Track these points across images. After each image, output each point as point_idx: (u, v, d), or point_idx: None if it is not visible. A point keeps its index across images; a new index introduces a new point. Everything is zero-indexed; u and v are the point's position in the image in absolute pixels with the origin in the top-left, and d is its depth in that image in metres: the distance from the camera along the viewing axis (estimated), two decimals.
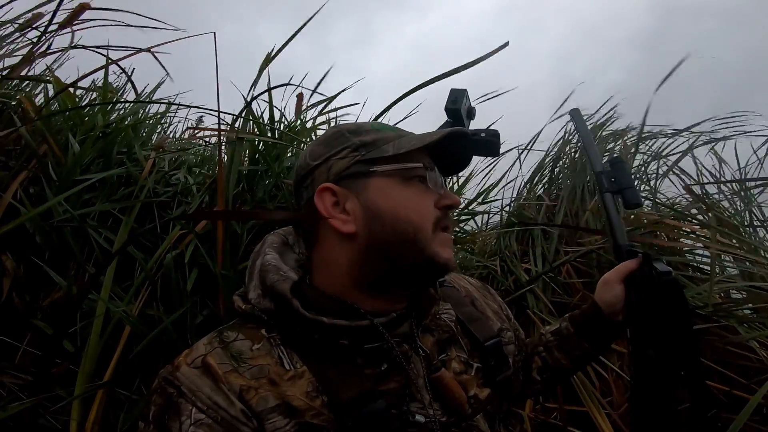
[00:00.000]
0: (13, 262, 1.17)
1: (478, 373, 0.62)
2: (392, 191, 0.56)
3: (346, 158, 0.58)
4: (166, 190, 1.52)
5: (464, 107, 0.75)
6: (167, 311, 1.19)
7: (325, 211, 0.56)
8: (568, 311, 0.81)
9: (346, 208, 0.56)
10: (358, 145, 0.58)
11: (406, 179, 0.57)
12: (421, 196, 0.57)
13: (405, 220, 0.55)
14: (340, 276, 0.57)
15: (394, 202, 0.56)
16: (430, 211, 0.57)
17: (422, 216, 0.56)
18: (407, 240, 0.55)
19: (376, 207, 0.56)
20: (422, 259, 0.56)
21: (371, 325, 0.54)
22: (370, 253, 0.56)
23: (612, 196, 0.77)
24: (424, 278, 0.60)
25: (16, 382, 1.03)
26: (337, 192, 0.57)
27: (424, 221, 0.56)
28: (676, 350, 0.63)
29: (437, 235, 0.57)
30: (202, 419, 0.47)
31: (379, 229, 0.55)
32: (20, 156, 1.40)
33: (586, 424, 1.25)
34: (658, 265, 0.66)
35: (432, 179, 0.59)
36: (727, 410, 1.13)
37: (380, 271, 0.56)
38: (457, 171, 0.68)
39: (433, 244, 0.56)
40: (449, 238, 0.59)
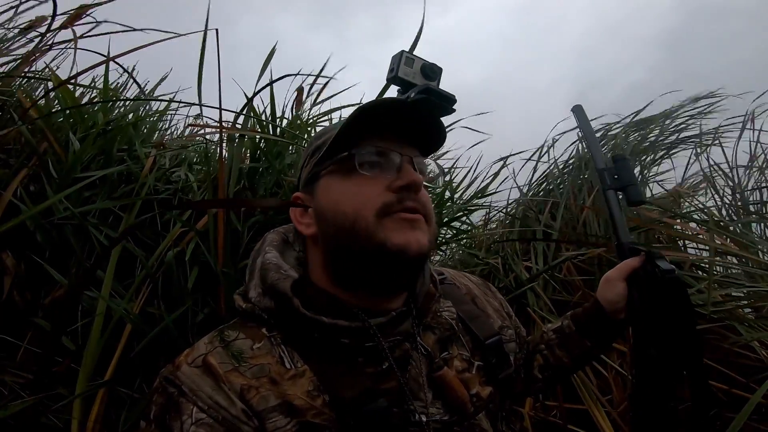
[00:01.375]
0: (14, 260, 1.17)
1: (479, 371, 0.61)
2: (333, 187, 0.57)
3: (308, 165, 0.62)
4: (167, 188, 1.52)
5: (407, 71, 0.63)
6: (168, 309, 1.19)
7: (294, 218, 0.61)
8: (569, 309, 0.81)
9: (309, 212, 0.60)
10: (314, 150, 0.61)
11: (348, 172, 0.56)
12: (362, 184, 0.55)
13: (341, 212, 0.55)
14: (322, 274, 0.59)
15: (334, 197, 0.56)
16: (371, 198, 0.54)
17: (358, 205, 0.54)
18: (346, 232, 0.54)
19: (320, 206, 0.58)
20: (371, 248, 0.53)
21: (366, 326, 0.54)
22: (328, 250, 0.57)
23: (615, 194, 0.77)
24: (388, 268, 0.55)
25: (17, 380, 1.03)
26: (303, 199, 0.61)
27: (362, 210, 0.53)
28: (679, 349, 0.63)
29: (385, 220, 0.53)
30: (203, 419, 0.47)
31: (325, 227, 0.57)
32: (20, 154, 1.40)
33: (585, 423, 1.26)
34: (661, 263, 0.66)
35: (380, 163, 0.56)
36: (727, 409, 1.13)
37: (345, 268, 0.57)
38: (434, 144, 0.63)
39: (380, 230, 0.52)
40: (405, 219, 0.54)
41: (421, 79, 0.63)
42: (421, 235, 0.54)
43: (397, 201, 0.54)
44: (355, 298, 0.57)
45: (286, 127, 1.77)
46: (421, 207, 0.55)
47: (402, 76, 0.62)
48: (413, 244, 0.53)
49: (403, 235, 0.53)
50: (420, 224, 0.55)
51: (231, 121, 1.51)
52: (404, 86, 0.63)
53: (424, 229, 0.55)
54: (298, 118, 1.93)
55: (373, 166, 0.55)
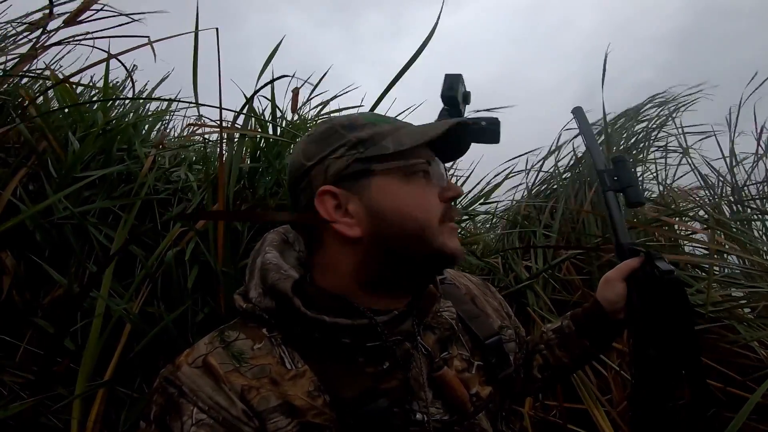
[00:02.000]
0: (13, 260, 1.17)
1: (479, 371, 0.61)
2: (395, 189, 0.55)
3: (343, 157, 0.55)
4: (167, 188, 1.52)
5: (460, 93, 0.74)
6: (168, 309, 1.19)
7: (328, 215, 0.55)
8: (568, 309, 0.81)
9: (349, 210, 0.55)
10: (355, 143, 0.56)
11: (408, 175, 0.56)
12: (425, 191, 0.56)
13: (411, 218, 0.54)
14: (344, 278, 0.56)
15: (399, 201, 0.55)
16: (435, 206, 0.56)
17: (428, 212, 0.56)
18: (415, 238, 0.54)
19: (380, 207, 0.54)
20: (430, 253, 0.55)
21: (372, 324, 0.54)
22: (377, 254, 0.55)
23: (614, 195, 0.77)
24: (433, 271, 0.60)
25: (17, 380, 1.03)
26: (338, 194, 0.55)
27: (430, 217, 0.55)
28: (677, 349, 0.63)
29: (443, 227, 0.56)
30: (204, 419, 0.47)
31: (386, 230, 0.54)
32: (19, 153, 1.40)
33: (585, 422, 1.26)
34: (661, 263, 0.66)
35: (434, 172, 0.58)
36: (726, 409, 1.13)
37: (387, 271, 0.56)
38: (456, 157, 0.67)
39: (441, 237, 0.56)
40: (455, 228, 0.59)
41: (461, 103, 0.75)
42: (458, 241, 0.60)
43: (447, 209, 0.58)
44: (364, 299, 0.56)
45: (286, 127, 1.77)
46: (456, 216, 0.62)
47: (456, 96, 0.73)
48: (459, 249, 0.58)
49: (454, 242, 0.58)
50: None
51: (231, 120, 1.51)
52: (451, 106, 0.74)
53: None
54: (300, 117, 1.93)
55: (432, 176, 0.58)
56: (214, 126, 1.62)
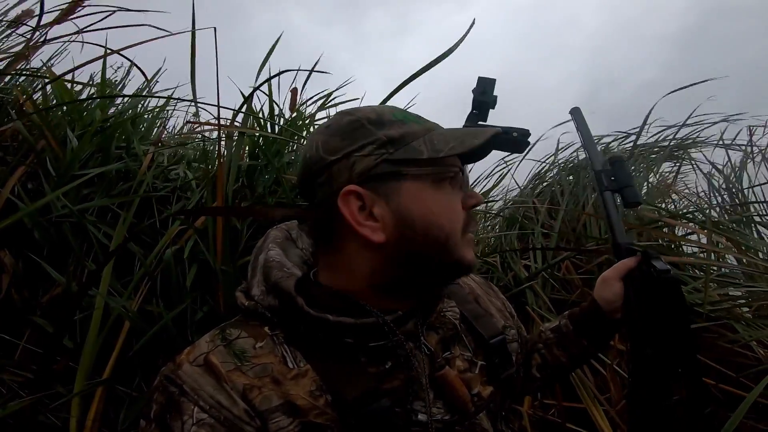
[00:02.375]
0: (12, 258, 1.17)
1: (482, 371, 0.61)
2: (425, 195, 0.53)
3: (370, 156, 0.52)
4: (165, 185, 1.52)
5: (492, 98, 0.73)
6: (167, 307, 1.19)
7: (352, 217, 0.52)
8: (567, 308, 0.82)
9: (374, 213, 0.52)
10: (384, 141, 0.52)
11: (438, 181, 0.54)
12: (451, 199, 0.55)
13: (437, 226, 0.53)
14: (358, 280, 0.55)
15: (427, 208, 0.52)
16: (459, 214, 0.56)
17: (453, 221, 0.55)
18: (439, 246, 0.53)
19: (409, 214, 0.52)
20: (450, 262, 0.55)
21: (376, 323, 0.53)
22: (398, 260, 0.53)
23: (611, 195, 0.77)
24: (448, 280, 0.60)
25: (16, 379, 1.03)
26: (364, 195, 0.52)
27: (455, 225, 0.54)
28: (674, 348, 0.64)
29: (465, 237, 0.56)
30: (205, 419, 0.46)
31: (411, 236, 0.52)
32: (18, 151, 1.40)
33: (584, 421, 1.26)
34: (657, 263, 0.66)
35: (461, 179, 0.57)
36: (723, 407, 1.14)
37: (404, 277, 0.55)
38: (475, 161, 0.66)
39: (462, 246, 0.55)
40: (471, 239, 0.58)
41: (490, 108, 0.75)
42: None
43: (468, 218, 0.57)
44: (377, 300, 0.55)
45: (285, 125, 1.76)
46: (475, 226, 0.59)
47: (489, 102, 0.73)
48: (475, 261, 0.58)
49: (471, 253, 0.57)
50: None
51: (229, 118, 1.51)
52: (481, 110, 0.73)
53: None
54: (299, 116, 1.93)
55: (451, 182, 0.56)
56: (212, 124, 1.62)
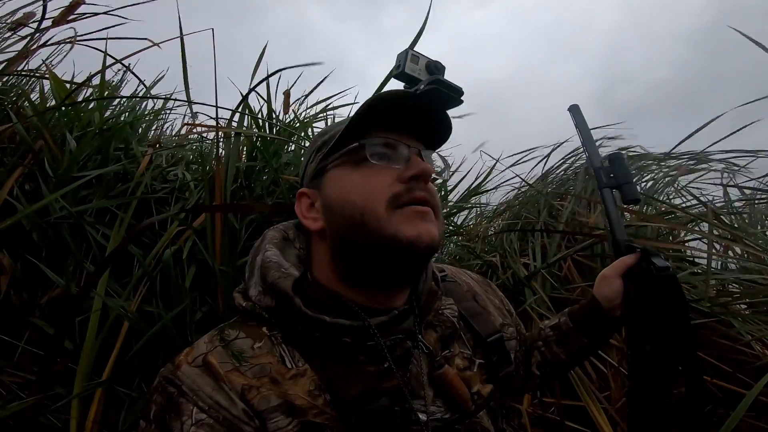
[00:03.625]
0: (11, 260, 1.16)
1: (481, 369, 0.62)
2: (342, 179, 0.56)
3: (314, 161, 0.61)
4: (164, 187, 1.52)
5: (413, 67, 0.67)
6: (166, 308, 1.19)
7: (299, 212, 0.61)
8: (567, 306, 0.82)
9: (316, 206, 0.60)
10: (320, 146, 0.61)
11: (357, 163, 0.56)
12: (371, 175, 0.54)
13: (350, 203, 0.54)
14: (325, 270, 0.58)
15: (342, 189, 0.56)
16: (381, 189, 0.53)
17: (369, 196, 0.53)
18: (356, 224, 0.53)
19: (329, 198, 0.57)
20: (383, 241, 0.52)
21: (375, 325, 0.54)
22: (336, 245, 0.57)
23: (611, 192, 0.77)
24: (397, 261, 0.54)
25: (16, 380, 1.03)
26: (310, 194, 0.60)
27: (372, 200, 0.53)
28: (674, 345, 0.64)
29: (396, 212, 0.53)
30: (204, 419, 0.47)
31: (333, 219, 0.56)
32: (15, 152, 1.39)
33: (584, 419, 1.26)
34: (657, 260, 0.66)
35: (389, 155, 0.56)
36: (723, 405, 1.14)
37: (353, 263, 0.56)
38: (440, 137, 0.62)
39: (391, 223, 0.52)
40: (416, 212, 0.53)
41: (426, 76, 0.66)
42: (432, 226, 0.54)
43: (406, 191, 0.54)
44: (358, 296, 0.56)
45: (282, 125, 1.76)
46: (431, 198, 0.55)
47: (408, 72, 0.65)
48: (425, 236, 0.52)
49: (415, 228, 0.52)
50: (430, 216, 0.54)
51: (227, 119, 1.51)
52: (410, 82, 0.67)
53: (434, 221, 0.55)
54: (296, 117, 1.93)
55: (382, 157, 0.55)
56: (210, 126, 1.62)
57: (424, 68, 0.67)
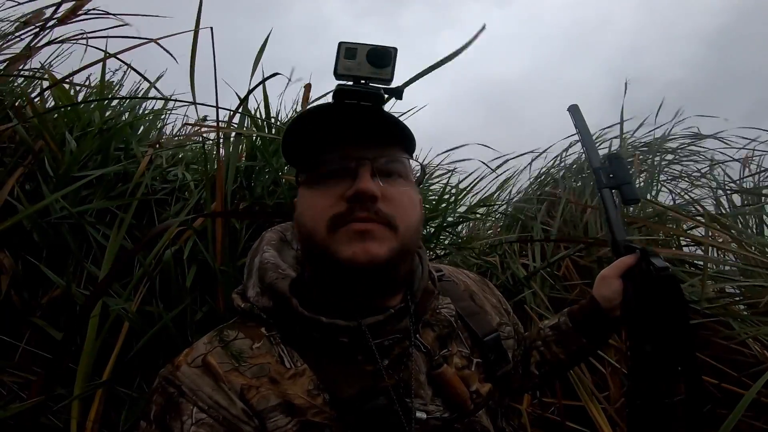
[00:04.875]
0: (11, 260, 1.17)
1: (479, 368, 0.62)
2: (301, 198, 0.58)
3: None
4: (164, 187, 1.52)
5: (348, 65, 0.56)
6: (167, 308, 1.19)
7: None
8: (566, 306, 0.82)
9: None
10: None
11: (313, 182, 0.56)
12: (318, 196, 0.54)
13: (302, 224, 0.56)
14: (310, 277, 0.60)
15: (300, 208, 0.58)
16: (323, 210, 0.53)
17: (314, 218, 0.54)
18: (307, 244, 0.56)
19: (294, 217, 0.60)
20: (328, 261, 0.52)
21: (370, 324, 0.54)
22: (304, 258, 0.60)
23: (610, 192, 0.78)
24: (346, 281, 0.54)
25: (16, 380, 1.03)
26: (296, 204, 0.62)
27: (316, 223, 0.53)
28: (673, 346, 0.64)
29: (338, 232, 0.52)
30: (204, 419, 0.47)
31: (299, 235, 0.59)
32: (15, 152, 1.39)
33: (583, 419, 1.26)
34: (656, 260, 0.66)
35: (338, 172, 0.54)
36: (721, 405, 1.14)
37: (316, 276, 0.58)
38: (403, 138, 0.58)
39: (333, 243, 0.52)
40: (354, 231, 0.51)
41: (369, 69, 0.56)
42: (374, 245, 0.51)
43: (348, 211, 0.52)
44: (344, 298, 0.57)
45: (282, 125, 1.76)
46: (377, 215, 0.52)
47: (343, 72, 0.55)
48: (360, 256, 0.51)
49: (350, 248, 0.51)
50: (373, 234, 0.52)
51: (226, 120, 1.51)
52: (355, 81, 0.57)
53: (381, 237, 0.52)
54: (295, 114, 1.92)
55: (332, 175, 0.54)
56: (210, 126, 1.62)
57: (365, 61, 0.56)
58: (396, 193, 0.55)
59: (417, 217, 0.57)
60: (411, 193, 0.57)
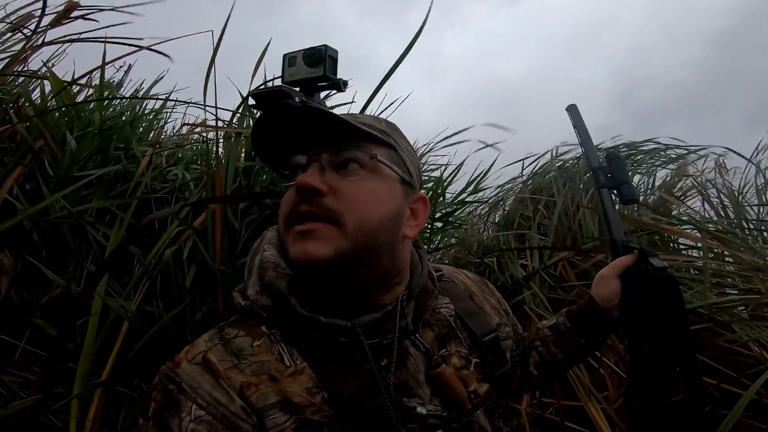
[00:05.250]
0: (11, 260, 1.17)
1: (477, 368, 0.62)
2: None
3: None
4: (164, 186, 1.52)
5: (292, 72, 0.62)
6: (166, 308, 1.19)
7: None
8: (564, 307, 0.82)
9: None
10: None
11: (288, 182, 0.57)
12: (285, 196, 0.56)
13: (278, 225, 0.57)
14: None
15: None
16: (283, 209, 0.55)
17: (281, 217, 0.55)
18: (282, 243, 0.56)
19: None
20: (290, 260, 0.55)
21: (366, 324, 0.54)
22: None
23: (609, 192, 0.78)
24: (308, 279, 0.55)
25: (16, 380, 1.03)
26: None
27: (282, 222, 0.55)
28: (672, 346, 0.64)
29: (289, 232, 0.53)
30: (202, 416, 0.47)
31: None
32: (16, 152, 1.39)
33: (583, 419, 1.27)
34: (654, 260, 0.67)
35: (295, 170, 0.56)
36: (720, 405, 1.14)
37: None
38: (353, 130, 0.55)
39: (287, 242, 0.54)
40: (296, 232, 0.52)
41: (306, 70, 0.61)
42: (314, 245, 0.51)
43: (293, 208, 0.53)
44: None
45: None
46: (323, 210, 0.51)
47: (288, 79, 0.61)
48: (300, 257, 0.51)
49: (294, 248, 0.52)
50: (314, 234, 0.51)
51: (227, 120, 1.51)
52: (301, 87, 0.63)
53: (324, 237, 0.51)
54: None
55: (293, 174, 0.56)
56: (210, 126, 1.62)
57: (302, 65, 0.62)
58: (349, 187, 0.52)
59: (381, 212, 0.53)
60: (373, 186, 0.54)
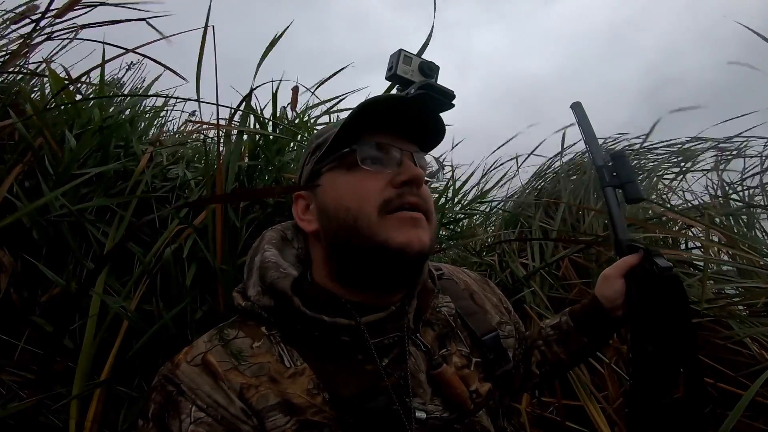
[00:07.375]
0: (10, 258, 1.16)
1: (478, 368, 0.62)
2: (335, 183, 0.57)
3: (309, 164, 0.62)
4: (164, 185, 1.51)
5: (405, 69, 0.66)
6: (166, 307, 1.19)
7: (296, 214, 0.62)
8: (566, 306, 0.82)
9: (310, 208, 0.61)
10: (314, 149, 0.62)
11: (350, 167, 0.56)
12: (364, 180, 0.55)
13: (344, 208, 0.55)
14: (323, 271, 0.59)
15: (336, 193, 0.57)
16: (374, 194, 0.54)
17: (361, 201, 0.54)
18: (348, 228, 0.54)
19: (323, 202, 0.58)
20: (373, 246, 0.53)
21: (370, 323, 0.54)
22: (330, 247, 0.57)
23: (613, 191, 0.77)
24: (388, 266, 0.54)
25: (16, 379, 1.02)
26: (305, 196, 0.62)
27: (365, 205, 0.54)
28: (676, 346, 0.64)
29: (388, 217, 0.53)
30: (202, 417, 0.47)
31: (327, 222, 0.57)
32: (15, 149, 1.39)
33: (582, 419, 1.26)
34: (659, 260, 0.66)
35: (381, 159, 0.56)
36: (719, 405, 1.14)
37: (346, 265, 0.57)
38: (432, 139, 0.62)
39: (383, 228, 0.52)
40: (407, 218, 0.54)
41: (419, 77, 0.66)
42: (423, 233, 0.54)
43: (397, 196, 0.54)
44: (353, 294, 0.57)
45: (287, 124, 1.76)
46: (422, 203, 0.55)
47: (401, 74, 0.65)
48: (415, 243, 0.53)
49: (405, 234, 0.53)
50: (422, 222, 0.55)
51: (228, 118, 1.51)
52: (403, 84, 0.67)
53: (426, 227, 0.55)
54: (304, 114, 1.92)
55: (374, 162, 0.56)
56: (211, 124, 1.61)
57: (417, 70, 0.67)
58: (426, 191, 0.57)
59: None
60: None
